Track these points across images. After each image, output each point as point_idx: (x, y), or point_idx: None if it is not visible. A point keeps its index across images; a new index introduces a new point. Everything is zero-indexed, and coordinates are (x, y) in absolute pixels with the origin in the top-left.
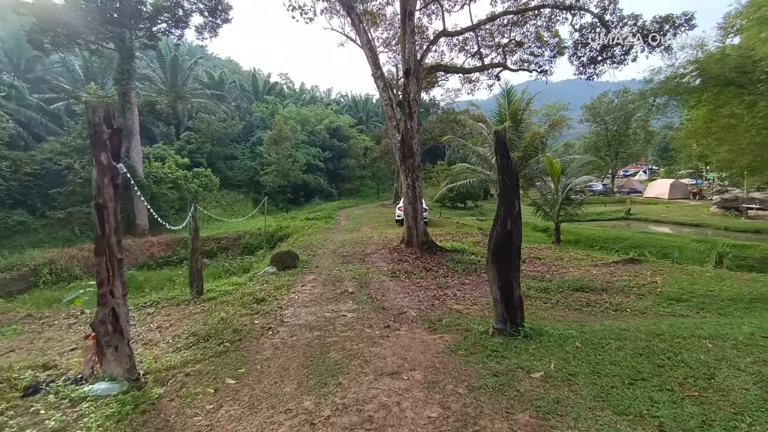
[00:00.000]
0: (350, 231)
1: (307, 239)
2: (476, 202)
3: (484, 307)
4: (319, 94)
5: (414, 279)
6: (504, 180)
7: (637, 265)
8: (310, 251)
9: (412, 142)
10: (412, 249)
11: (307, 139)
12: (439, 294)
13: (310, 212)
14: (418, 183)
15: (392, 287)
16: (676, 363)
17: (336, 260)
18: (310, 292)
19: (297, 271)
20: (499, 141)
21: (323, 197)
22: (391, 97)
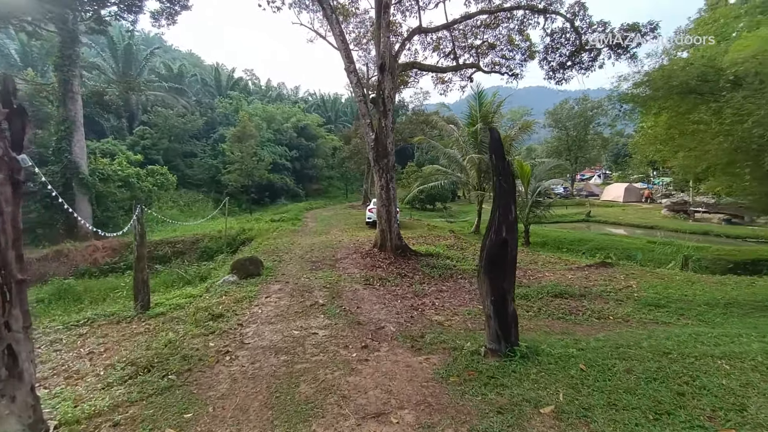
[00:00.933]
0: (319, 234)
1: (272, 243)
2: (445, 203)
3: (466, 318)
4: (286, 91)
5: (389, 287)
6: (500, 182)
7: (610, 269)
8: (276, 256)
9: (386, 141)
10: (386, 253)
11: (274, 138)
12: (417, 303)
13: (275, 213)
14: (392, 184)
15: (367, 297)
16: (697, 390)
17: (304, 267)
18: (275, 305)
19: (261, 280)
20: (494, 139)
21: (290, 198)
22: (364, 93)
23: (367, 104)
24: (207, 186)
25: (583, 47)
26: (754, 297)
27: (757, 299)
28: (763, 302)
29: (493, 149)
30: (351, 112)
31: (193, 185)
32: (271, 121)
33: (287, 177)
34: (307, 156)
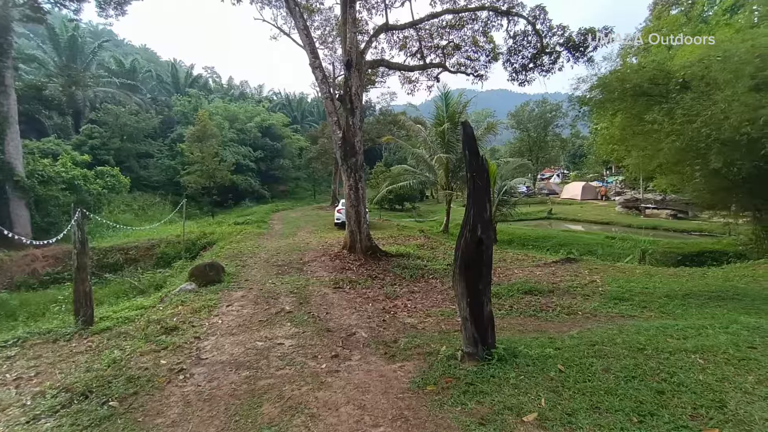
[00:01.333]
0: (285, 236)
1: (235, 247)
2: (413, 203)
3: (440, 319)
4: (250, 90)
5: (359, 289)
6: (474, 179)
7: (574, 264)
8: (239, 261)
9: (354, 139)
10: (356, 255)
11: (237, 138)
12: (389, 306)
13: (240, 216)
14: (361, 184)
15: (336, 301)
16: (676, 388)
17: (270, 271)
18: (237, 314)
19: (222, 287)
20: (467, 135)
21: (255, 200)
22: (330, 90)
23: (333, 101)
24: (165, 188)
25: (543, 50)
26: (708, 288)
27: (710, 290)
28: (716, 292)
29: (467, 145)
30: (318, 113)
31: (149, 187)
32: (234, 121)
33: (252, 178)
34: (272, 157)
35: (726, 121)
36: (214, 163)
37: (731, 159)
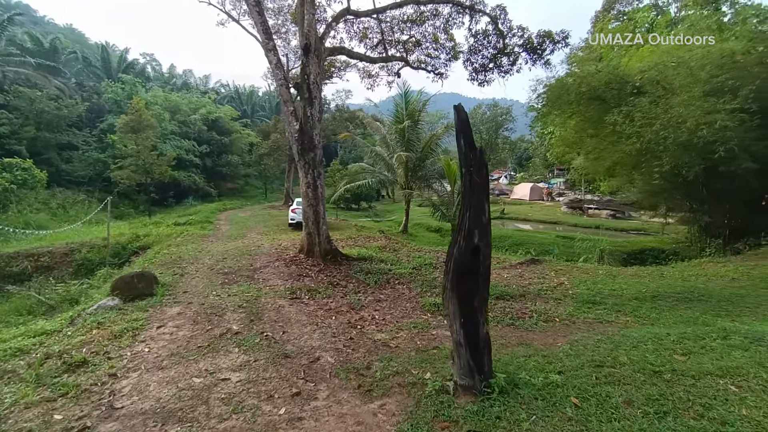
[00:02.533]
0: (233, 238)
1: (174, 251)
2: (370, 203)
3: (413, 333)
4: (194, 80)
5: (320, 299)
6: (470, 175)
7: (539, 266)
8: (177, 269)
9: (312, 132)
10: (314, 259)
11: (179, 130)
12: (355, 319)
13: (181, 215)
14: (320, 181)
15: (294, 315)
16: (722, 428)
17: (214, 280)
18: (170, 339)
19: (153, 302)
20: (462, 121)
21: (199, 198)
22: (286, 76)
23: (289, 89)
24: (92, 184)
25: (503, 50)
26: (672, 288)
27: (675, 291)
28: (681, 293)
29: (461, 134)
30: (270, 107)
31: (72, 183)
32: (176, 112)
33: (196, 174)
34: (219, 152)
35: (683, 124)
36: (152, 157)
37: (682, 161)
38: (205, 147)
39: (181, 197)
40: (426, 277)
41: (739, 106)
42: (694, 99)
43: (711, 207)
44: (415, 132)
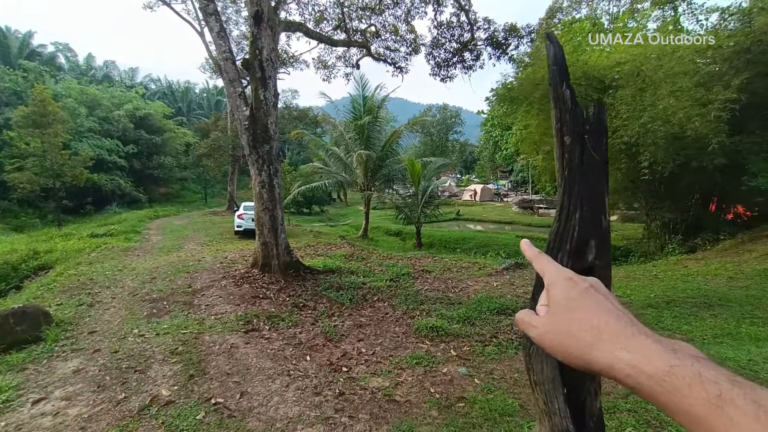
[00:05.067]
0: (166, 251)
1: (84, 272)
2: (322, 206)
3: (420, 375)
4: (118, 73)
5: (285, 329)
6: (583, 147)
7: (525, 270)
8: (86, 296)
9: (267, 120)
10: (272, 275)
11: (99, 128)
12: (337, 357)
13: (101, 225)
14: (277, 180)
15: (254, 360)
16: None
17: (137, 311)
18: (54, 425)
19: (39, 354)
20: (557, 59)
21: (125, 204)
22: (231, 48)
23: (235, 64)
24: None
25: (466, 45)
26: (681, 292)
27: (686, 294)
28: (695, 298)
29: (560, 76)
30: (208, 105)
31: None
32: (95, 107)
33: (121, 178)
34: (150, 153)
35: (673, 116)
36: (62, 157)
37: (668, 156)
38: (132, 147)
39: (101, 204)
40: (407, 290)
41: (736, 96)
42: (684, 90)
43: (671, 204)
44: (375, 128)
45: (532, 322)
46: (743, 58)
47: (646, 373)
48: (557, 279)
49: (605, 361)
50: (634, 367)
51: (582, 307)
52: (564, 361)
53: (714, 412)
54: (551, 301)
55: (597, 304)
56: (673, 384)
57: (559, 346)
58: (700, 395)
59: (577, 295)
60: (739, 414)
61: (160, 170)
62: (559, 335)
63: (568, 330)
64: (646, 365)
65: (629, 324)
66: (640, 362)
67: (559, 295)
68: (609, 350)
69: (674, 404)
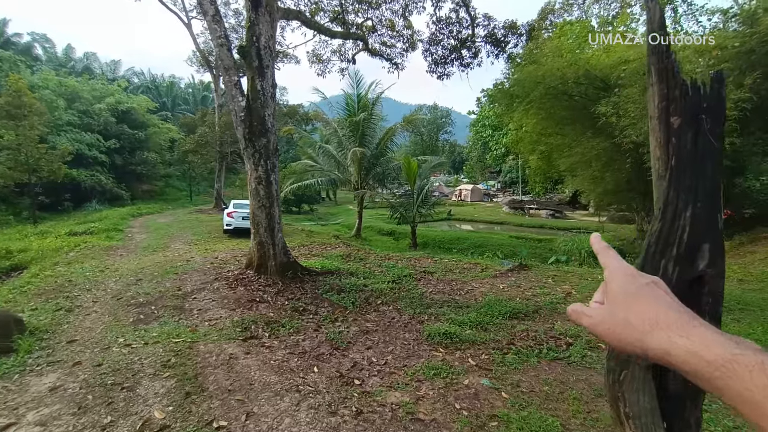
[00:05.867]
0: (152, 250)
1: (62, 273)
2: (312, 205)
3: (441, 389)
4: (99, 65)
5: (287, 336)
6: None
7: (530, 272)
8: (65, 300)
9: (264, 111)
10: (268, 277)
11: (79, 121)
12: (347, 368)
13: (81, 223)
14: (274, 175)
15: (257, 373)
16: None
17: (122, 317)
18: None
19: (10, 368)
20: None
21: (106, 201)
22: (226, 33)
23: (231, 51)
24: None
25: (464, 42)
26: None
27: None
28: None
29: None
30: (194, 101)
31: None
32: (74, 100)
33: (102, 174)
34: (133, 148)
35: None
36: (38, 150)
37: None
38: (114, 142)
39: (81, 201)
40: (411, 293)
41: (749, 95)
42: None
43: None
44: (370, 126)
45: (585, 312)
46: (749, 58)
47: (705, 360)
48: (617, 273)
49: (663, 347)
50: (694, 353)
51: (641, 300)
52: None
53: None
54: (609, 293)
55: (656, 297)
56: (733, 370)
57: (613, 333)
58: (761, 382)
59: (635, 290)
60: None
61: (144, 166)
62: (615, 324)
63: (625, 318)
64: (707, 352)
65: (691, 317)
66: (699, 349)
67: (618, 289)
68: (667, 337)
69: (733, 390)
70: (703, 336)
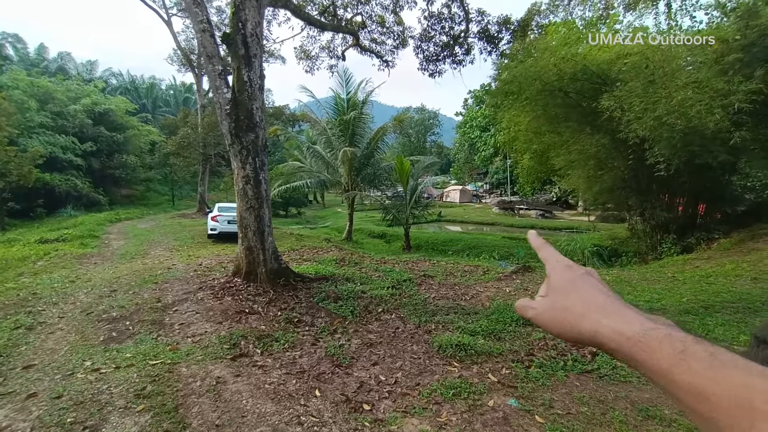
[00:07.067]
0: (129, 257)
1: (26, 284)
2: (299, 208)
3: (464, 411)
4: (74, 65)
5: (281, 353)
6: None
7: (535, 274)
8: (26, 315)
9: (251, 104)
10: (258, 285)
11: (53, 123)
12: (353, 391)
13: (54, 230)
14: (264, 174)
15: (249, 402)
16: None
17: (91, 335)
18: None
19: None
20: None
21: (83, 207)
22: (209, 18)
23: (215, 38)
24: None
25: (458, 38)
26: (712, 296)
27: (721, 299)
28: (732, 302)
29: None
30: (175, 103)
31: None
32: (47, 101)
33: (77, 178)
34: (110, 151)
35: (692, 108)
36: (7, 153)
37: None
38: (91, 145)
39: (55, 207)
40: (414, 299)
41: (761, 86)
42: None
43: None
44: (360, 125)
45: (530, 305)
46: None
47: (625, 336)
48: (557, 266)
49: (592, 328)
50: (616, 330)
51: (577, 289)
52: (558, 335)
53: (676, 364)
54: (551, 285)
55: (591, 285)
56: (647, 343)
57: (554, 320)
58: (667, 350)
59: (573, 280)
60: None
61: (123, 170)
62: (555, 312)
63: (563, 306)
64: (627, 330)
65: (616, 300)
66: (621, 327)
67: (558, 280)
68: (596, 319)
69: (646, 361)
70: (625, 315)
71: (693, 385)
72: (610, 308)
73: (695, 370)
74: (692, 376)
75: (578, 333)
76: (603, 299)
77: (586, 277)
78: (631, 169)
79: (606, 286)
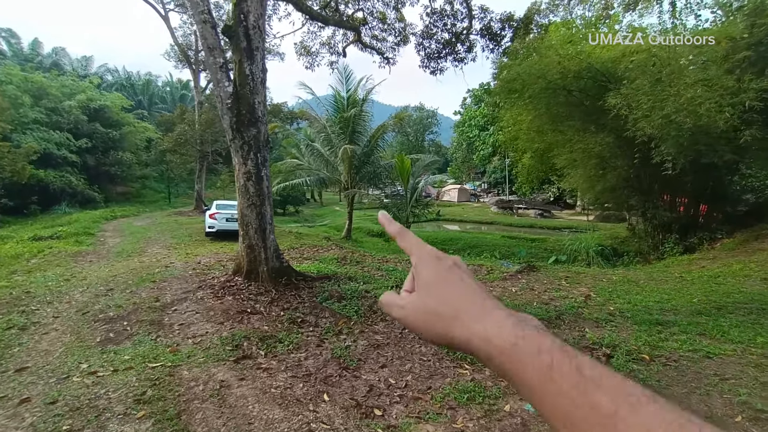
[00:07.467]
0: (126, 255)
1: (19, 283)
2: (297, 206)
3: (479, 417)
4: (69, 61)
5: (286, 355)
6: None
7: (540, 273)
8: (19, 314)
9: (254, 98)
10: (259, 284)
11: (47, 119)
12: (363, 395)
13: (48, 227)
14: (266, 171)
15: (255, 408)
16: None
17: (87, 336)
18: None
19: None
20: None
21: (77, 204)
22: (209, 9)
23: (216, 29)
24: None
25: (460, 35)
26: (722, 296)
27: (732, 299)
28: (744, 303)
29: None
30: (171, 100)
31: None
32: (41, 97)
33: (72, 175)
34: (106, 148)
35: (701, 106)
36: (0, 150)
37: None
38: (86, 141)
39: (49, 204)
40: None
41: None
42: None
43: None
44: (360, 122)
45: (397, 302)
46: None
47: (494, 344)
48: (426, 258)
49: (464, 336)
50: (486, 339)
51: (446, 286)
52: (428, 340)
53: (545, 383)
54: (420, 280)
55: (460, 281)
56: (517, 356)
57: (424, 324)
58: (536, 365)
59: (441, 274)
60: (564, 382)
61: (118, 167)
62: (425, 314)
63: (435, 308)
64: (496, 337)
65: (486, 298)
66: (491, 334)
67: (426, 275)
68: (467, 325)
69: (516, 375)
70: (497, 320)
71: (560, 409)
72: (481, 311)
73: (564, 391)
74: (560, 398)
75: (450, 339)
76: (472, 299)
77: (455, 269)
78: (634, 168)
79: (474, 278)
